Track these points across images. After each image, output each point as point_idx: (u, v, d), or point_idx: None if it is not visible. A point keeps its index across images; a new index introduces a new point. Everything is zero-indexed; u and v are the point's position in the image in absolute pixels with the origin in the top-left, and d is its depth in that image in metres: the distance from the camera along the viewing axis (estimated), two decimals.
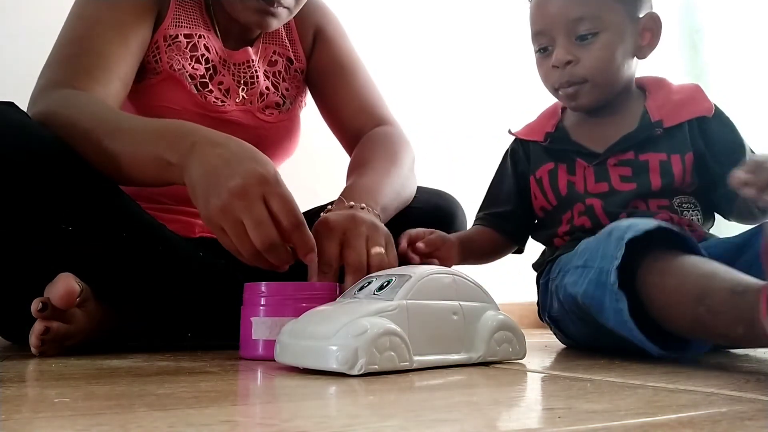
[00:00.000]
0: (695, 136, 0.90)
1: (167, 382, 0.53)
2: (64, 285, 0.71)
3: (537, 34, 0.93)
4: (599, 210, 0.89)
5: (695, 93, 0.93)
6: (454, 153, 1.78)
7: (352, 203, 0.83)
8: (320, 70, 1.10)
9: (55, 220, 0.72)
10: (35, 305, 0.71)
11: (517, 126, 1.03)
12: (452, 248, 0.90)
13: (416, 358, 0.60)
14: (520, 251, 1.03)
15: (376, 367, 0.56)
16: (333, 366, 0.56)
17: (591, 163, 0.92)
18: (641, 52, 0.92)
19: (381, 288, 0.63)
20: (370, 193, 0.87)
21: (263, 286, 0.72)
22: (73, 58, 0.85)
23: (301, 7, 0.98)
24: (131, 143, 0.75)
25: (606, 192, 0.89)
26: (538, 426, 0.38)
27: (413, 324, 0.61)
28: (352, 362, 0.55)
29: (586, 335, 0.84)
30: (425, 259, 0.85)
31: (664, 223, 0.69)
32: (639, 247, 0.68)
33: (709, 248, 0.82)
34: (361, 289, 0.65)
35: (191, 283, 0.82)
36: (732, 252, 0.79)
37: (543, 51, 0.93)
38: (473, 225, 1.02)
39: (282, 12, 0.95)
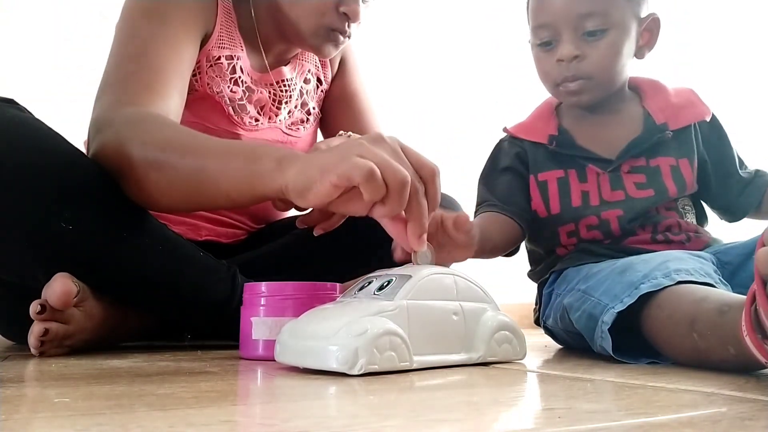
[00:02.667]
0: (699, 141, 0.91)
1: (167, 382, 0.53)
2: (61, 285, 0.71)
3: (540, 27, 0.89)
4: (615, 225, 0.87)
5: (692, 96, 0.93)
6: (444, 150, 1.78)
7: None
8: (336, 94, 1.14)
9: (54, 219, 0.72)
10: (33, 307, 0.71)
11: (510, 124, 0.99)
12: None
13: (416, 358, 0.60)
14: (514, 252, 0.97)
15: (376, 367, 0.56)
16: (333, 366, 0.56)
17: (605, 170, 0.89)
18: (640, 52, 0.91)
19: (381, 288, 0.63)
20: None
21: (263, 286, 0.72)
22: (131, 75, 0.83)
23: None
24: (220, 159, 0.71)
25: (622, 200, 0.88)
26: (538, 426, 0.38)
27: (413, 324, 0.60)
28: (352, 362, 0.55)
29: (584, 346, 0.83)
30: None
31: (681, 274, 0.68)
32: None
33: (718, 253, 0.82)
34: (361, 289, 0.65)
35: (191, 284, 0.82)
36: (743, 255, 0.79)
37: (545, 45, 0.89)
38: (480, 212, 0.93)
39: (345, 41, 0.98)
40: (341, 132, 0.92)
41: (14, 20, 1.42)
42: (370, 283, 0.65)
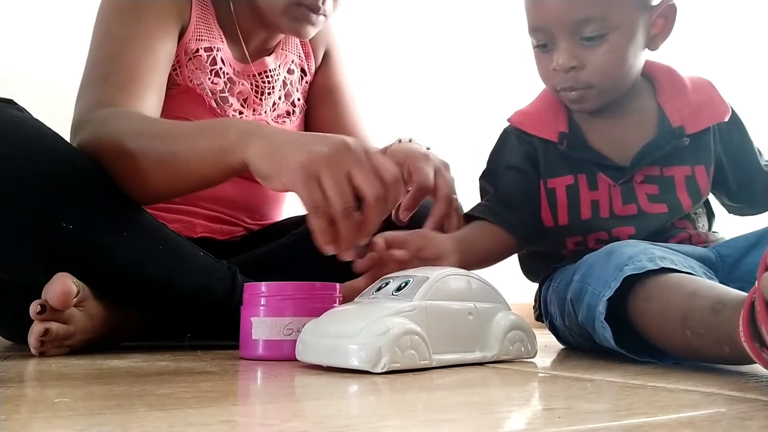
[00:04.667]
0: (717, 143, 0.87)
1: (167, 382, 0.53)
2: (61, 285, 0.71)
3: (536, 30, 0.82)
4: None
5: (711, 92, 0.87)
6: (445, 149, 1.78)
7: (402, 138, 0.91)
8: (319, 86, 1.14)
9: (54, 218, 0.72)
10: (33, 307, 0.71)
11: (513, 111, 0.92)
12: (450, 256, 0.78)
13: (435, 356, 0.61)
14: (521, 250, 0.93)
15: (399, 365, 0.58)
16: (355, 364, 0.57)
17: (617, 181, 0.84)
18: (653, 42, 0.83)
19: (399, 289, 0.64)
20: None
21: (263, 286, 0.72)
22: (107, 77, 0.85)
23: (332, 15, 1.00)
24: (187, 140, 0.74)
25: (635, 216, 0.83)
26: (538, 426, 0.38)
27: (432, 324, 0.62)
28: (375, 360, 0.56)
29: (585, 346, 0.83)
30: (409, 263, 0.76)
31: (666, 261, 0.67)
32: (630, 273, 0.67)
33: (718, 246, 0.81)
34: (378, 289, 0.67)
35: (191, 283, 0.82)
36: (743, 249, 0.78)
37: (542, 47, 0.82)
38: (468, 222, 0.88)
39: (321, 20, 0.97)
40: (401, 138, 0.93)
41: (14, 20, 1.42)
42: (387, 284, 0.67)
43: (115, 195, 0.78)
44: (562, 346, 0.92)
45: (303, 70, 1.12)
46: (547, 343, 0.93)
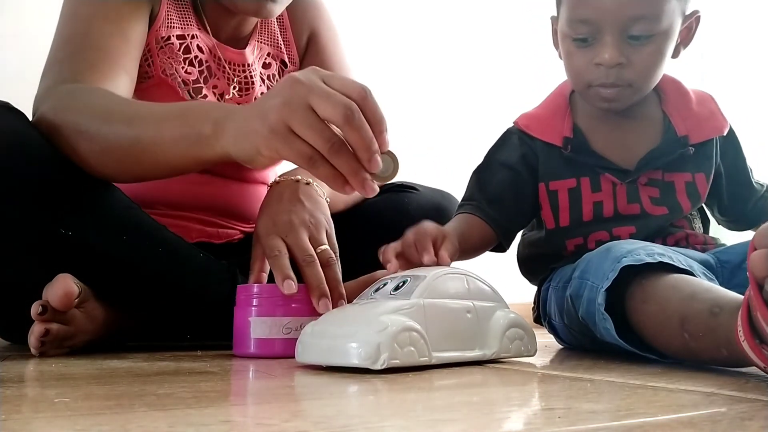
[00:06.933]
0: (717, 155, 0.89)
1: (167, 382, 0.53)
2: (63, 286, 0.71)
3: (580, 22, 0.80)
4: None
5: (713, 106, 0.90)
6: (431, 143, 1.78)
7: (299, 177, 0.83)
8: None
9: (54, 224, 0.72)
10: (35, 308, 0.71)
11: (518, 113, 0.92)
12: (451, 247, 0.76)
13: (434, 354, 0.61)
14: (503, 250, 0.92)
15: (398, 362, 0.57)
16: (355, 362, 0.57)
17: (623, 181, 0.85)
18: (675, 50, 0.84)
19: (397, 288, 0.65)
20: None
21: (255, 288, 0.73)
22: (75, 54, 0.81)
23: None
24: (154, 126, 0.70)
25: (637, 216, 0.84)
26: (537, 426, 0.38)
27: (430, 321, 0.62)
28: (374, 357, 0.56)
29: (585, 344, 0.83)
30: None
31: (665, 258, 0.67)
32: (629, 268, 0.67)
33: (717, 252, 0.82)
34: (377, 290, 0.67)
35: (192, 285, 0.82)
36: (742, 254, 0.78)
37: (581, 41, 0.81)
38: (458, 212, 0.89)
39: None
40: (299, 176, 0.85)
41: (14, 21, 1.42)
42: (385, 284, 0.67)
43: (114, 199, 0.77)
44: (561, 346, 0.92)
45: (283, 61, 1.05)
46: (546, 343, 0.93)
